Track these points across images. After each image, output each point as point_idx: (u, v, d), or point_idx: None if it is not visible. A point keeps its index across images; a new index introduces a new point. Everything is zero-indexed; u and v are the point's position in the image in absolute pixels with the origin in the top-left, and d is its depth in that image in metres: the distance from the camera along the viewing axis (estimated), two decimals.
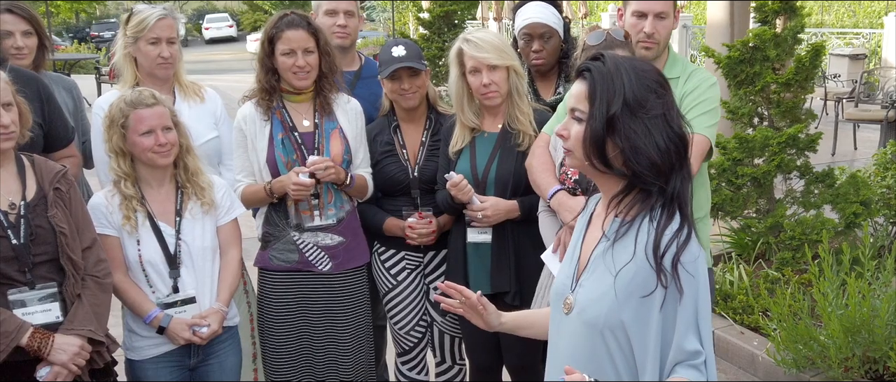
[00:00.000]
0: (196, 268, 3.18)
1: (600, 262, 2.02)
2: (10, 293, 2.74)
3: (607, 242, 2.02)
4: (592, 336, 2.00)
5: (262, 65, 3.49)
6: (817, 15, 21.71)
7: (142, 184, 3.14)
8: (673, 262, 1.89)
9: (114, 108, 3.08)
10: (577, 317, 2.04)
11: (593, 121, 1.94)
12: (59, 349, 2.75)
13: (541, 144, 3.28)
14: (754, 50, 5.73)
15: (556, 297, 2.17)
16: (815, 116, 5.97)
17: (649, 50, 3.21)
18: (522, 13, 3.78)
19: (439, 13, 9.72)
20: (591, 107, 1.95)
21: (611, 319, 1.95)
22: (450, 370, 3.88)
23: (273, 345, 3.62)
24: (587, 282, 2.05)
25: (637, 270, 1.92)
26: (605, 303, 1.96)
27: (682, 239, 1.91)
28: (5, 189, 2.79)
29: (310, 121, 3.53)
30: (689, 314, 1.91)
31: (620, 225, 1.98)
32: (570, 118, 2.01)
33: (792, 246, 5.47)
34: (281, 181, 3.44)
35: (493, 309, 2.41)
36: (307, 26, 3.44)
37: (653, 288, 1.90)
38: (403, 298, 3.75)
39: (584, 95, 1.97)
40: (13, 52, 3.62)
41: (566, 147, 2.03)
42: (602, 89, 1.94)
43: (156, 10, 3.52)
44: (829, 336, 4.12)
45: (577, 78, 2.02)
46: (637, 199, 1.98)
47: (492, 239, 3.41)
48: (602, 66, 1.96)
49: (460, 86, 3.43)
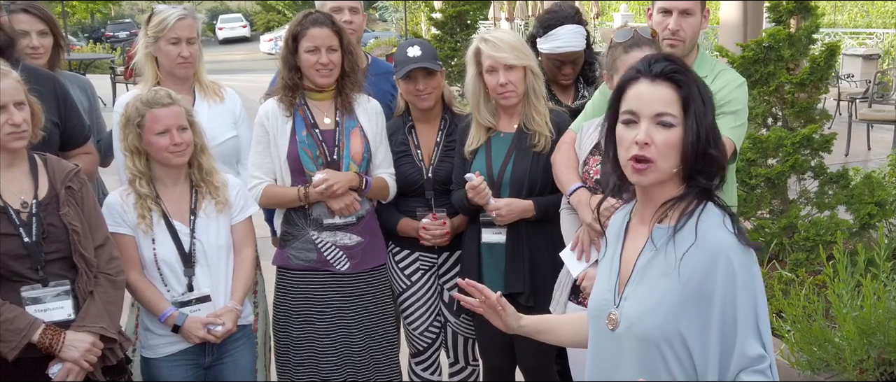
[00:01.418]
0: (210, 267, 3.19)
1: (648, 271, 1.96)
2: (24, 290, 2.75)
3: (654, 250, 1.96)
4: (647, 351, 1.93)
5: (286, 62, 3.51)
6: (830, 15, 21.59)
7: (156, 183, 3.16)
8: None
9: (130, 107, 3.11)
10: (627, 332, 1.96)
11: (694, 127, 1.89)
12: (70, 345, 2.76)
13: (567, 141, 3.27)
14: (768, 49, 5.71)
15: (596, 313, 2.08)
16: (829, 116, 5.94)
17: (674, 47, 3.18)
18: (554, 37, 3.79)
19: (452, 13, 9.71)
20: (685, 113, 1.90)
21: (668, 330, 1.89)
22: (463, 370, 3.88)
23: (292, 345, 3.60)
24: (634, 294, 1.98)
25: (694, 270, 1.87)
26: (659, 314, 1.90)
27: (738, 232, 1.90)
28: (17, 187, 2.80)
29: (331, 118, 3.53)
30: (748, 315, 1.87)
31: (674, 230, 1.92)
32: (653, 124, 1.91)
33: (806, 247, 5.44)
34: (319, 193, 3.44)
35: (513, 310, 2.35)
36: (331, 25, 3.46)
37: (713, 286, 1.85)
38: (417, 299, 3.75)
39: (674, 100, 1.90)
40: (29, 51, 3.64)
41: (648, 155, 1.91)
42: (699, 95, 1.89)
43: (176, 10, 3.56)
44: (844, 338, 4.09)
45: (658, 80, 1.93)
46: (684, 204, 1.94)
47: (506, 239, 3.40)
48: (685, 71, 1.92)
49: (477, 85, 3.43)
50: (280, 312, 3.63)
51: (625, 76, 1.99)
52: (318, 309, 3.58)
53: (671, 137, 1.89)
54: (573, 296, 3.19)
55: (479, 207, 3.39)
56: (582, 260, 3.09)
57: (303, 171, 3.49)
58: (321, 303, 3.57)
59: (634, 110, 1.93)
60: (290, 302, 3.60)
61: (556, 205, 3.31)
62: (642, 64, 1.96)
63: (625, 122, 1.95)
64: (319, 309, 3.58)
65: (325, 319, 3.58)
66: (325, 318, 3.58)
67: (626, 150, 1.94)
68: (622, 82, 1.99)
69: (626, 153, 1.94)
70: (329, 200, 3.46)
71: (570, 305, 3.19)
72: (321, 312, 3.58)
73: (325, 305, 3.57)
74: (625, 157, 1.95)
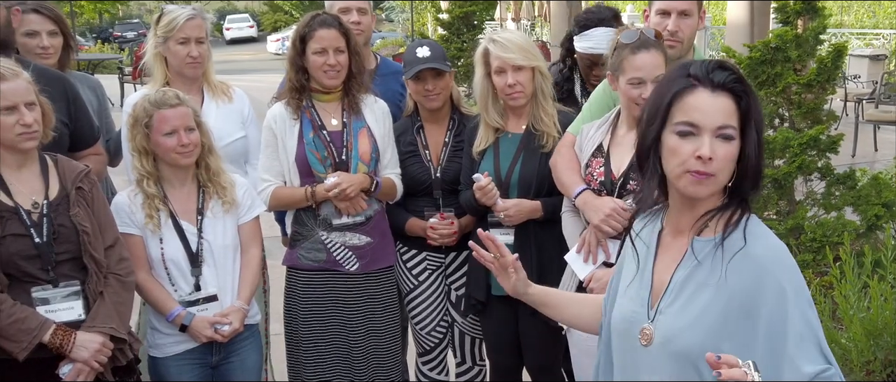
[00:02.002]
0: (218, 267, 3.20)
1: (687, 286, 1.89)
2: (34, 291, 2.76)
3: (694, 263, 1.89)
4: (683, 368, 1.86)
5: (293, 64, 3.52)
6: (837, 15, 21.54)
7: (164, 184, 3.17)
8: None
9: (137, 108, 3.12)
10: (662, 348, 1.89)
11: (755, 138, 1.83)
12: (80, 346, 2.76)
13: (566, 144, 3.27)
14: (775, 50, 5.70)
15: (625, 326, 2.01)
16: (836, 117, 5.92)
17: (673, 48, 3.19)
18: (588, 38, 3.80)
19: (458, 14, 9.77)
20: (744, 125, 1.83)
21: (707, 347, 1.76)
22: (470, 370, 3.88)
23: (301, 344, 3.61)
24: (671, 310, 1.90)
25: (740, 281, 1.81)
26: (699, 331, 1.83)
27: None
28: (28, 188, 2.81)
29: (338, 119, 3.54)
30: (801, 327, 1.78)
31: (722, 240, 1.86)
32: (714, 138, 1.82)
33: (813, 248, 5.42)
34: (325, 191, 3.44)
35: (524, 275, 2.27)
36: (339, 26, 3.48)
37: (759, 299, 1.79)
38: (425, 298, 3.75)
39: (733, 112, 1.83)
40: (39, 51, 3.66)
41: (707, 171, 1.82)
42: (755, 108, 1.84)
43: (185, 11, 3.58)
44: (851, 339, 4.09)
45: (719, 91, 1.83)
46: (728, 214, 1.88)
47: (514, 239, 3.40)
48: (744, 82, 1.85)
49: (485, 86, 3.43)
50: (290, 312, 3.64)
51: (677, 84, 1.87)
52: (327, 309, 3.58)
53: (731, 151, 1.83)
54: None
55: (487, 208, 3.39)
56: (589, 262, 3.10)
57: (311, 173, 3.50)
58: (330, 303, 3.58)
59: (695, 122, 1.83)
60: (299, 302, 3.61)
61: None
62: (700, 72, 1.85)
63: (680, 134, 1.84)
64: (328, 308, 3.59)
65: (334, 319, 3.59)
66: (334, 318, 3.59)
67: (681, 163, 1.84)
68: (676, 90, 1.87)
69: (681, 165, 1.84)
70: (337, 200, 3.47)
71: None
72: (330, 312, 3.58)
73: (334, 305, 3.58)
74: (678, 169, 1.85)
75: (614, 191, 3.01)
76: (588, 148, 3.13)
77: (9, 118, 2.71)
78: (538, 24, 21.85)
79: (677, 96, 1.86)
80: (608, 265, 3.04)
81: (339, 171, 3.47)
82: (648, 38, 2.95)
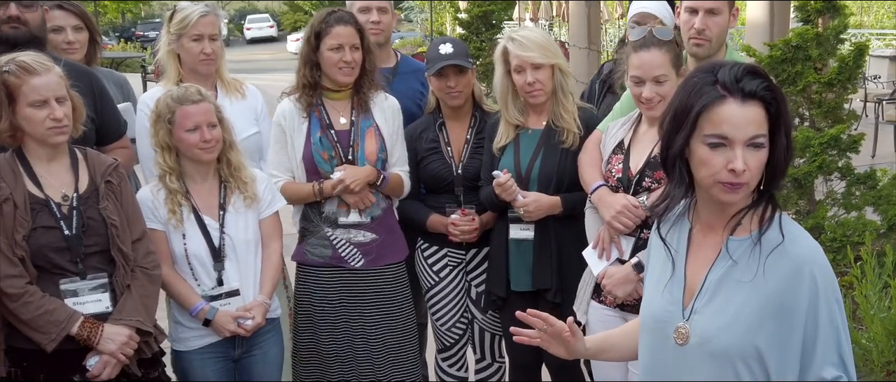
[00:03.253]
0: (239, 261, 3.22)
1: (723, 285, 1.89)
2: (62, 283, 2.80)
3: (729, 262, 1.89)
4: (720, 367, 1.86)
5: (306, 60, 3.53)
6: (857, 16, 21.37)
7: (186, 179, 3.20)
8: None
9: (160, 104, 3.14)
10: (700, 348, 1.89)
11: (784, 144, 1.82)
12: (107, 338, 2.80)
13: (593, 141, 3.29)
14: (796, 49, 5.67)
15: (658, 324, 2.00)
16: (857, 117, 5.90)
17: (700, 47, 3.18)
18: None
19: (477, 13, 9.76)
20: (774, 133, 1.82)
21: (745, 346, 1.82)
22: (489, 367, 3.89)
23: (309, 340, 3.63)
24: (707, 309, 1.90)
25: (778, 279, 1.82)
26: (737, 330, 1.84)
27: None
28: (58, 181, 2.85)
29: (346, 118, 3.56)
30: (829, 332, 1.81)
31: (759, 237, 1.86)
32: (746, 148, 1.81)
33: (833, 248, 5.39)
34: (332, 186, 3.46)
35: (581, 335, 2.22)
36: (354, 23, 3.50)
37: (796, 298, 1.79)
38: (445, 295, 3.77)
39: (763, 120, 1.81)
40: (64, 46, 3.69)
41: (742, 181, 1.81)
42: (786, 112, 1.82)
43: (198, 7, 3.59)
44: (871, 340, 4.07)
45: (748, 100, 1.80)
46: (760, 212, 1.88)
47: (534, 235, 3.41)
48: (774, 87, 1.82)
49: (505, 83, 3.45)
50: (299, 307, 3.66)
51: (706, 95, 1.84)
52: (334, 305, 3.59)
53: (761, 158, 1.82)
54: (595, 295, 3.20)
55: (507, 203, 3.41)
56: (603, 258, 3.11)
57: (318, 171, 3.52)
58: (336, 299, 3.59)
59: (726, 135, 1.81)
60: (307, 298, 3.62)
61: (583, 202, 3.32)
62: (729, 80, 1.82)
63: (711, 146, 1.82)
64: (335, 304, 3.59)
65: (341, 315, 3.59)
66: (341, 314, 3.59)
67: (713, 174, 1.83)
68: (705, 102, 1.83)
69: (713, 176, 1.83)
70: (345, 194, 3.48)
71: (593, 304, 3.21)
72: (337, 308, 3.59)
73: (340, 301, 3.59)
74: (710, 179, 1.84)
75: (631, 188, 3.03)
76: (610, 144, 3.15)
77: (39, 112, 2.75)
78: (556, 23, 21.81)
79: (706, 108, 1.83)
80: (621, 261, 3.05)
81: (345, 165, 3.48)
82: (653, 37, 2.96)
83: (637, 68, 2.95)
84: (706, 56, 3.16)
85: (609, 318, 3.10)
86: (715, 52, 3.22)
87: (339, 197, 3.51)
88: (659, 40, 2.97)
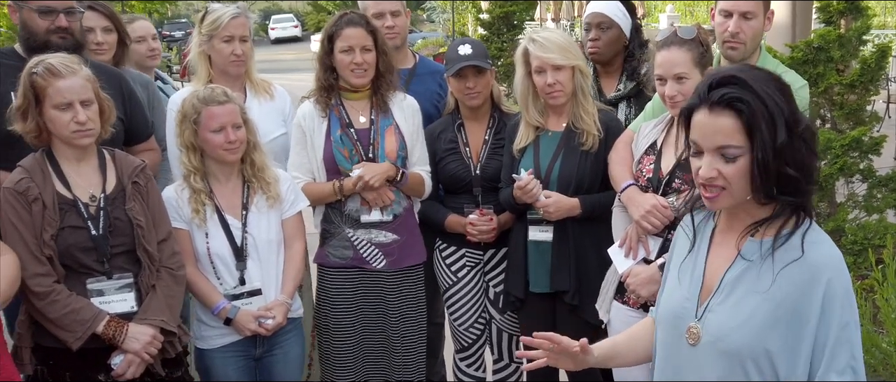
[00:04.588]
0: (262, 261, 3.25)
1: (738, 286, 1.91)
2: (89, 282, 2.84)
3: (745, 264, 1.91)
4: (730, 366, 1.89)
5: (322, 63, 3.57)
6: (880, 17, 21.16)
7: (210, 179, 3.23)
8: None
9: (186, 104, 3.18)
10: (711, 347, 1.92)
11: (762, 153, 1.80)
12: (132, 337, 2.84)
13: (624, 140, 3.30)
14: (818, 50, 5.65)
15: (672, 320, 2.03)
16: (879, 118, 5.86)
17: (734, 50, 3.17)
18: (588, 6, 3.83)
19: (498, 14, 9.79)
20: (751, 140, 1.81)
21: (755, 347, 1.84)
22: (507, 367, 3.90)
23: (332, 341, 3.65)
24: (721, 308, 1.92)
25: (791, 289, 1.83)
26: (748, 331, 1.86)
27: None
28: (86, 182, 2.89)
29: (366, 117, 3.58)
30: (840, 340, 1.82)
31: (773, 246, 1.87)
32: (714, 157, 1.84)
33: (854, 250, 5.37)
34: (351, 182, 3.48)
35: (589, 348, 2.21)
36: (366, 25, 3.52)
37: (810, 304, 1.81)
38: (463, 295, 3.79)
39: (736, 129, 1.81)
40: (93, 47, 3.73)
41: (719, 185, 1.85)
42: (764, 119, 1.79)
43: (230, 9, 3.62)
44: (892, 343, 4.05)
45: (717, 109, 1.83)
46: (780, 222, 1.88)
47: (553, 237, 3.42)
48: (748, 93, 1.80)
49: (525, 85, 3.46)
50: (321, 309, 3.68)
51: (689, 102, 1.91)
52: (356, 306, 3.61)
53: (737, 168, 1.83)
54: (618, 295, 3.20)
55: (526, 205, 3.42)
56: (629, 256, 3.11)
57: (338, 171, 3.54)
58: (358, 300, 3.61)
59: (696, 142, 1.87)
60: (329, 299, 3.64)
61: (602, 204, 3.33)
62: (701, 87, 1.87)
63: (693, 153, 1.89)
64: (356, 305, 3.61)
65: (362, 316, 3.62)
66: (362, 315, 3.62)
67: (696, 179, 1.91)
68: (688, 108, 1.91)
69: (697, 181, 1.90)
70: (364, 191, 3.50)
71: (615, 304, 3.22)
72: (358, 309, 3.61)
73: (361, 302, 3.61)
74: (698, 184, 1.91)
75: (660, 189, 3.03)
76: (642, 145, 3.16)
77: (64, 115, 2.78)
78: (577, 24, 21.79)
79: (690, 114, 1.90)
80: (647, 261, 3.06)
81: (364, 162, 3.50)
82: (675, 36, 2.97)
83: (659, 66, 2.98)
84: (740, 59, 3.14)
85: (631, 318, 3.10)
86: (749, 55, 3.21)
87: (360, 195, 3.54)
88: (681, 39, 2.98)
